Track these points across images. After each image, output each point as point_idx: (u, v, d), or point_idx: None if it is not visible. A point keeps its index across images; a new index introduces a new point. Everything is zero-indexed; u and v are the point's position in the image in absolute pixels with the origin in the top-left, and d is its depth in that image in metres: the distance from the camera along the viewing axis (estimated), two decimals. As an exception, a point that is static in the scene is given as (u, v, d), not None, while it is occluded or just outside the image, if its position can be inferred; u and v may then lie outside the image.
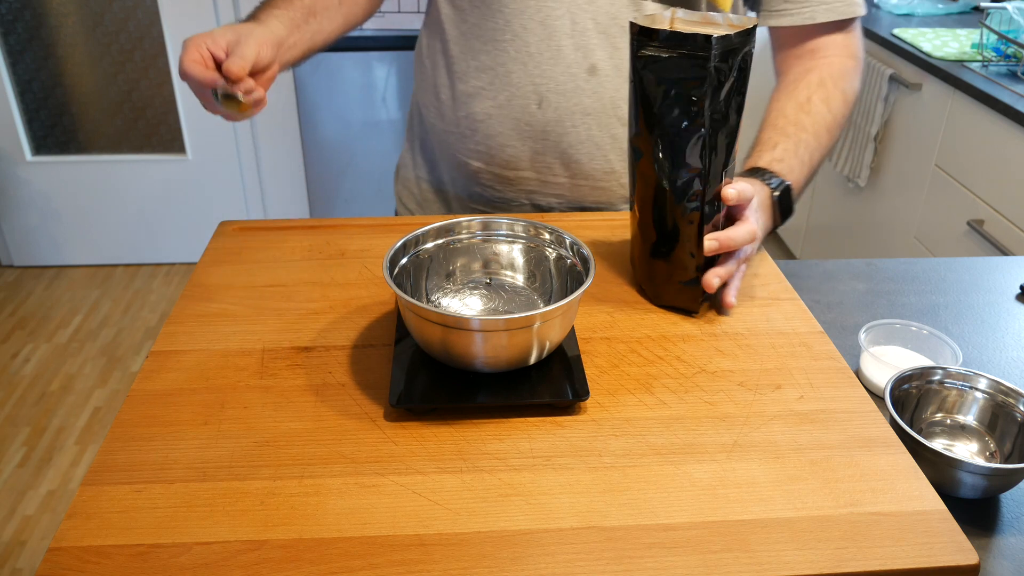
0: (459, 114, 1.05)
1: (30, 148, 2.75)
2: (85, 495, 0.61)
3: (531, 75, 0.99)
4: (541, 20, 0.97)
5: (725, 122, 0.78)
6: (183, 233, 2.89)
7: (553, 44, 0.97)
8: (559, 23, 0.97)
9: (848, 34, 1.04)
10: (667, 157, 0.79)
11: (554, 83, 0.99)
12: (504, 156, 1.04)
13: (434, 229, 0.81)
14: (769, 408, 0.71)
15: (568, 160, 1.03)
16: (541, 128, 1.02)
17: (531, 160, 1.04)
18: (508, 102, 1.01)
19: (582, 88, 0.99)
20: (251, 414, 0.70)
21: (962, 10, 2.47)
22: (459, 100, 1.05)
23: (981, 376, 0.79)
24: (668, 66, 0.76)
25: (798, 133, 0.97)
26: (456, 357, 0.70)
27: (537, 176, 1.05)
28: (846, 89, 1.03)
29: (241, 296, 0.86)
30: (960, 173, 1.95)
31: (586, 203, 1.07)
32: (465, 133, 1.06)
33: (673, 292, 0.84)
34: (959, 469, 0.70)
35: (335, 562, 0.56)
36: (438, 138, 1.11)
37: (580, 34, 0.97)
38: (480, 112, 1.03)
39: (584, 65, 0.98)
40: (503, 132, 1.03)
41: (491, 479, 0.63)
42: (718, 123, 0.77)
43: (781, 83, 1.05)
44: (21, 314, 2.64)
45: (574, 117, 1.00)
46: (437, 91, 1.08)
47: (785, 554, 0.58)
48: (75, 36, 2.64)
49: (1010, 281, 1.07)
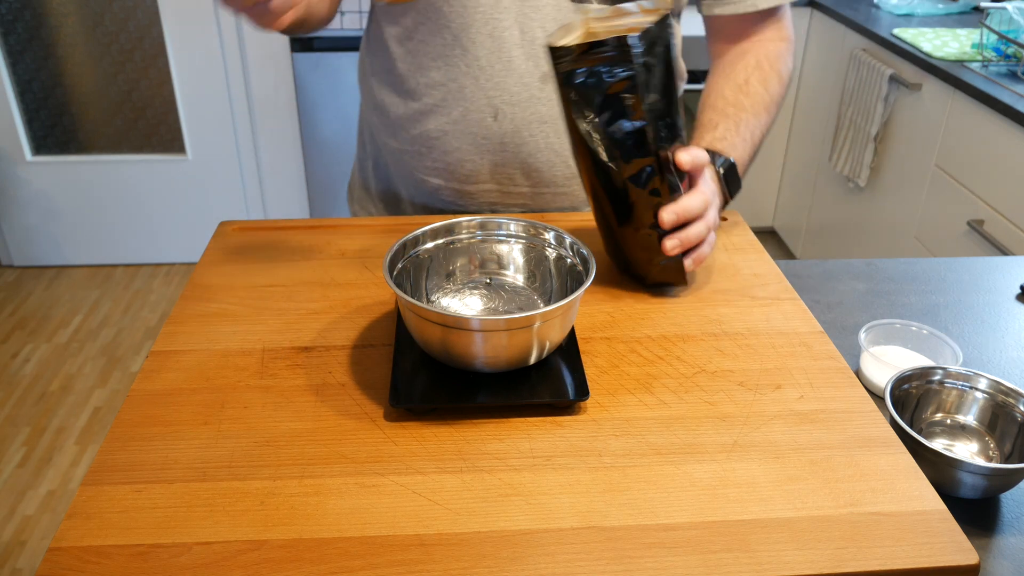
0: (413, 132, 1.04)
1: (30, 148, 2.75)
2: (85, 495, 0.61)
3: (484, 88, 0.98)
4: (489, 32, 0.96)
5: (667, 104, 0.78)
6: (183, 233, 2.89)
7: (504, 56, 0.97)
8: (507, 34, 0.96)
9: (781, 18, 1.07)
10: (617, 157, 0.79)
11: (508, 94, 0.98)
12: (463, 171, 1.04)
13: (434, 229, 0.81)
14: (769, 408, 0.71)
15: (529, 169, 1.03)
16: (499, 140, 1.01)
17: (491, 172, 1.04)
18: (463, 117, 1.01)
19: (537, 97, 0.99)
20: (251, 414, 0.70)
21: (962, 10, 2.47)
22: (412, 118, 1.04)
23: (981, 376, 0.79)
24: (593, 76, 0.75)
25: (738, 113, 0.99)
26: (456, 357, 0.70)
27: (499, 188, 1.05)
28: (781, 70, 1.05)
29: (241, 296, 0.86)
30: (960, 173, 1.95)
31: (549, 209, 1.07)
32: (421, 151, 1.05)
33: (657, 272, 0.86)
34: (959, 469, 0.70)
35: (335, 562, 0.56)
36: (392, 157, 1.10)
37: (530, 43, 0.96)
38: (435, 129, 1.03)
39: (536, 74, 0.98)
40: (461, 147, 1.02)
41: (491, 479, 0.63)
42: (658, 110, 0.77)
43: (717, 66, 1.07)
44: (21, 314, 2.64)
45: (531, 127, 1.00)
46: (386, 110, 1.07)
47: (785, 554, 0.58)
48: (75, 36, 2.64)
49: (1010, 281, 1.07)
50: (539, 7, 0.95)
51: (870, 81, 2.26)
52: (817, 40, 2.65)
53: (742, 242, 0.98)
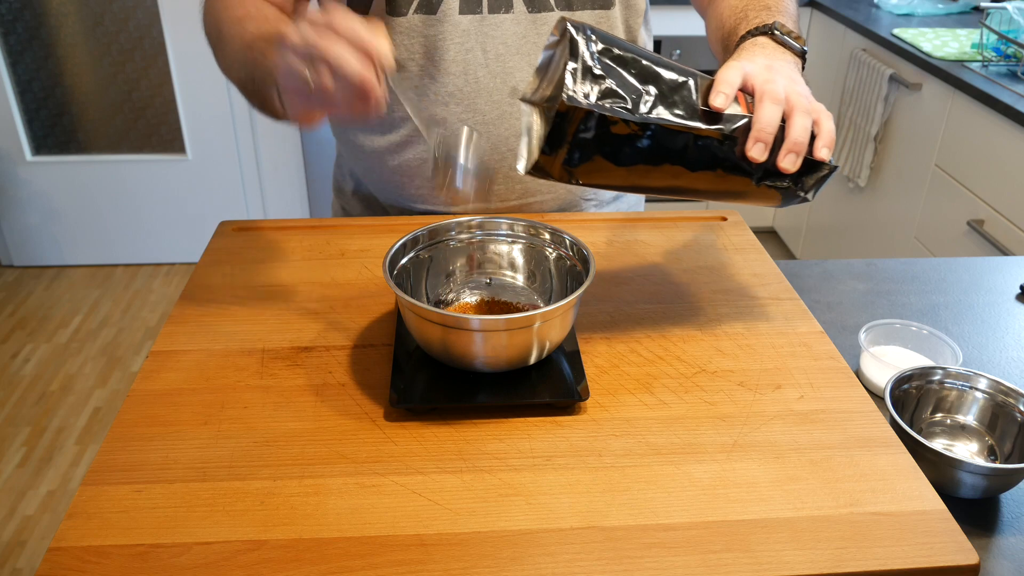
0: (392, 164, 1.04)
1: (30, 148, 2.75)
2: (85, 495, 0.61)
3: (455, 113, 0.98)
4: (452, 57, 0.96)
5: (649, 80, 0.69)
6: (183, 233, 2.89)
7: (471, 78, 0.97)
8: (471, 56, 0.96)
9: None
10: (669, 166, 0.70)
11: (480, 115, 0.98)
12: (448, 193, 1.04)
13: (434, 229, 0.81)
14: (769, 408, 0.71)
15: (511, 183, 1.03)
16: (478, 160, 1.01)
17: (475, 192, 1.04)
18: None
19: (508, 112, 0.99)
20: (251, 414, 0.70)
21: (962, 10, 2.47)
22: (389, 151, 1.04)
23: (981, 376, 0.79)
24: (578, 143, 0.67)
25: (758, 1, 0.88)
26: (456, 357, 0.70)
27: (486, 205, 1.05)
28: None
29: (241, 296, 0.86)
30: (960, 173, 1.95)
31: (545, 210, 1.07)
32: (403, 180, 1.05)
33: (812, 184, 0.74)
34: (959, 469, 0.70)
35: (335, 562, 0.56)
36: (374, 186, 1.10)
37: (494, 61, 0.97)
38: (413, 159, 1.03)
39: (504, 90, 0.98)
40: None
41: (491, 479, 0.63)
42: (648, 103, 0.68)
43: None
44: (21, 314, 2.64)
45: (508, 141, 1.00)
46: (359, 146, 1.06)
47: (785, 554, 0.58)
48: (75, 36, 2.64)
49: (1010, 281, 1.07)
50: (498, 24, 0.96)
51: (870, 81, 2.26)
52: (817, 40, 2.65)
53: (742, 242, 0.98)
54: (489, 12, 0.95)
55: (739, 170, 0.72)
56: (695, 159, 0.70)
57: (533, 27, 0.97)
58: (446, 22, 0.95)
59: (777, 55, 0.79)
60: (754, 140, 0.69)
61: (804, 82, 0.76)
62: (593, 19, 0.99)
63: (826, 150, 0.71)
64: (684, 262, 0.94)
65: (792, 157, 0.70)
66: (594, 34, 0.68)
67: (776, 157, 0.70)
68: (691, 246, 0.97)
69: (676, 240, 0.98)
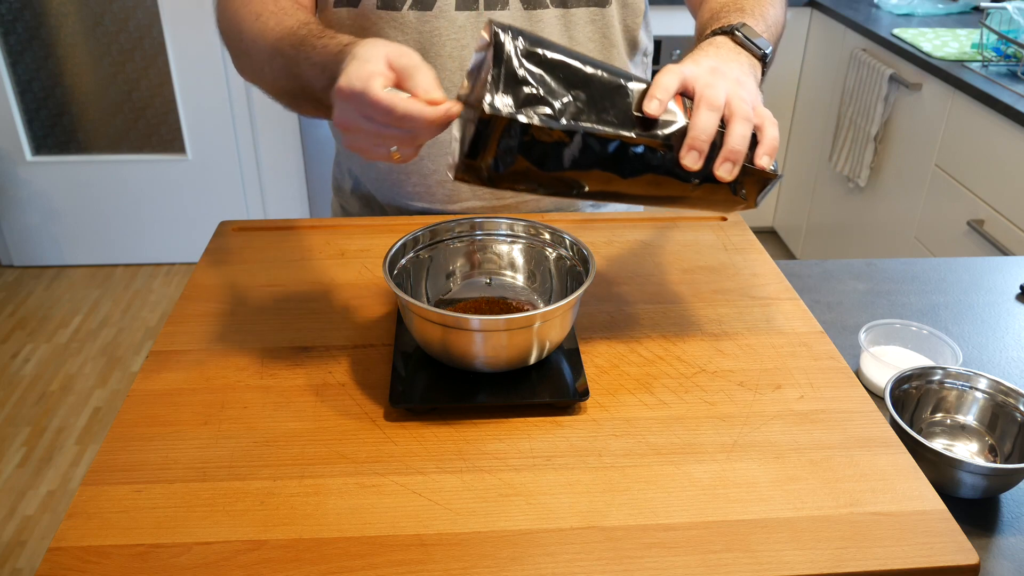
0: (387, 166, 1.04)
1: (30, 148, 2.75)
2: (85, 495, 0.61)
3: None
4: (449, 53, 0.96)
5: (578, 84, 0.66)
6: (183, 233, 2.89)
7: (457, 80, 0.97)
8: (467, 52, 0.96)
9: None
10: (601, 172, 0.68)
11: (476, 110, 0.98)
12: (444, 192, 1.04)
13: (434, 229, 0.81)
14: (769, 408, 0.71)
15: None
16: None
17: (472, 189, 1.04)
18: (436, 140, 1.00)
19: None
20: (251, 414, 0.70)
21: (962, 10, 2.47)
22: None
23: (981, 376, 0.79)
24: (506, 152, 0.65)
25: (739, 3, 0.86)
26: (456, 357, 0.70)
27: (483, 204, 1.05)
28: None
29: (241, 296, 0.86)
30: (960, 173, 1.95)
31: (541, 207, 1.07)
32: (400, 179, 1.05)
33: (751, 192, 0.72)
34: (959, 469, 0.70)
35: (335, 562, 0.56)
36: (371, 185, 1.10)
37: None
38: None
39: None
40: (438, 170, 1.02)
41: (491, 479, 0.63)
42: (576, 103, 0.65)
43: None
44: (21, 314, 2.64)
45: None
46: None
47: (785, 554, 0.58)
48: (75, 36, 2.64)
49: (1010, 281, 1.07)
50: (494, 17, 0.96)
51: (870, 81, 2.26)
52: (817, 40, 2.65)
53: (742, 242, 0.98)
54: (485, 8, 0.95)
55: (675, 176, 0.69)
56: (627, 166, 0.68)
57: (528, 23, 0.97)
58: (442, 17, 0.95)
59: (729, 56, 0.76)
60: (688, 148, 0.67)
61: (755, 86, 0.73)
62: (588, 17, 0.99)
63: (767, 158, 0.69)
64: (684, 262, 0.94)
65: (728, 166, 0.67)
66: (522, 37, 0.66)
67: (713, 165, 0.68)
68: (691, 246, 0.97)
69: (676, 240, 0.98)
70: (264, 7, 0.87)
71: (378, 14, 0.95)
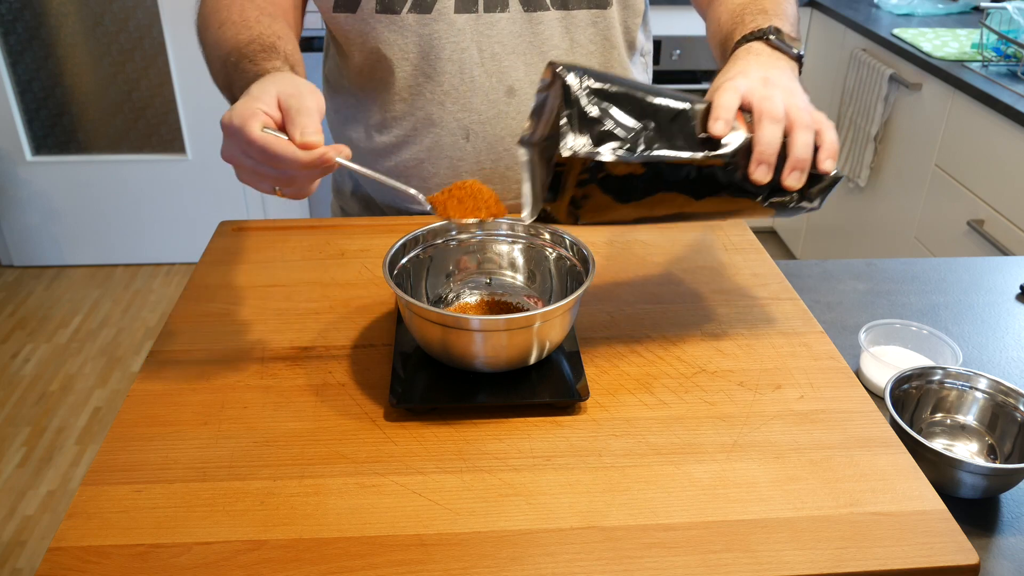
0: (387, 164, 1.04)
1: (30, 148, 2.75)
2: (85, 495, 0.61)
3: (451, 112, 0.99)
4: (448, 56, 0.96)
5: (646, 113, 0.67)
6: (183, 233, 2.89)
7: (467, 77, 0.97)
8: (467, 55, 0.96)
9: None
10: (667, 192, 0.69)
11: (476, 114, 0.99)
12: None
13: (434, 229, 0.81)
14: (769, 408, 0.71)
15: (508, 183, 1.03)
16: (474, 160, 1.01)
17: None
18: (436, 143, 1.01)
19: (504, 112, 0.99)
20: (251, 414, 0.70)
21: (962, 10, 2.47)
22: (384, 151, 1.04)
23: (981, 376, 0.79)
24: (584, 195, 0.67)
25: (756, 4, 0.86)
26: (456, 357, 0.70)
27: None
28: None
29: (241, 296, 0.86)
30: (960, 173, 1.95)
31: None
32: (398, 181, 1.05)
33: (818, 194, 0.73)
34: (959, 469, 0.70)
35: (335, 562, 0.56)
36: (370, 187, 1.11)
37: (490, 60, 0.97)
38: (410, 159, 1.03)
39: (501, 89, 0.98)
40: (438, 172, 1.03)
41: (491, 479, 0.63)
42: (647, 132, 0.67)
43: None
44: (21, 314, 2.64)
45: (504, 141, 1.00)
46: (355, 146, 1.06)
47: (785, 554, 0.58)
48: (75, 36, 2.64)
49: (1010, 281, 1.07)
50: (494, 23, 0.96)
51: (870, 81, 2.26)
52: (817, 40, 2.65)
53: (742, 242, 0.98)
54: (485, 11, 0.95)
55: (744, 192, 0.71)
56: (700, 187, 0.70)
57: (529, 26, 0.97)
58: (441, 21, 0.95)
59: (772, 63, 0.78)
60: (756, 163, 0.68)
61: (802, 90, 0.75)
62: (589, 19, 0.99)
63: (830, 161, 0.70)
64: (684, 262, 0.94)
65: (796, 175, 0.69)
66: (587, 74, 0.67)
67: (781, 175, 0.70)
68: (691, 246, 0.97)
69: (676, 240, 0.98)
70: (229, 16, 0.86)
71: (377, 18, 0.95)
